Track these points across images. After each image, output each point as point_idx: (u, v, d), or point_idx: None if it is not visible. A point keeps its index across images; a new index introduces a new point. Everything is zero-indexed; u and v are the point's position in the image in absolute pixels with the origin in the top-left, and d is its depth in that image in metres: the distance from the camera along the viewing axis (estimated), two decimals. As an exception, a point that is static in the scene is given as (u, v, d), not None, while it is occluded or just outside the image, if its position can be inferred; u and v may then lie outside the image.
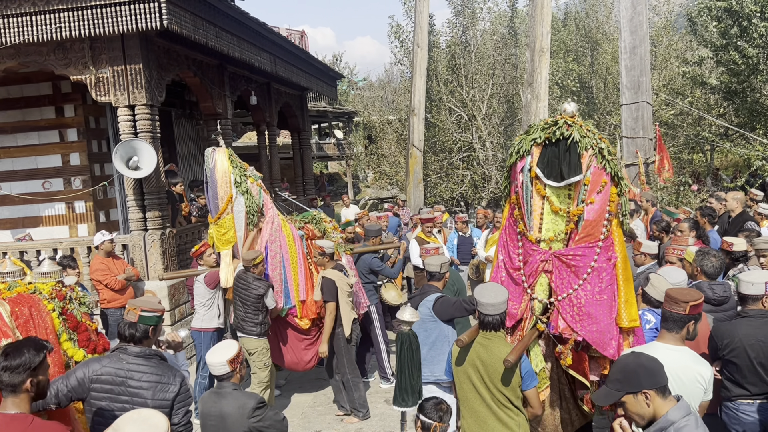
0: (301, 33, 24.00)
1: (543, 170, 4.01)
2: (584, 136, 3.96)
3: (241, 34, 10.86)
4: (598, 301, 3.98)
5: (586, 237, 4.00)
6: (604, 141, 4.04)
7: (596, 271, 3.98)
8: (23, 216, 10.92)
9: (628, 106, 12.48)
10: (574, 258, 3.99)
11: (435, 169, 19.04)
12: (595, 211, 3.96)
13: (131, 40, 8.71)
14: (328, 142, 28.91)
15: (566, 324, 3.98)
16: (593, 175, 3.96)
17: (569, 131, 3.97)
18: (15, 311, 3.58)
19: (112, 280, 7.91)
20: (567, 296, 4.00)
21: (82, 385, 3.46)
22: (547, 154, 4.02)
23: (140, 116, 8.89)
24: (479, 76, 18.61)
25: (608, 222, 4.01)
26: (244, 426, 3.61)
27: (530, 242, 4.13)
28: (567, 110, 4.09)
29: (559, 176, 3.98)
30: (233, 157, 6.91)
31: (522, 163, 4.13)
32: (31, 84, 10.63)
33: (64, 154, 10.79)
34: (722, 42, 14.64)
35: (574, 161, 3.94)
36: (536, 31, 12.47)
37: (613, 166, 3.99)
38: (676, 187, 12.54)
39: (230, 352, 3.75)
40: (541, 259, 4.07)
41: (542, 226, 4.09)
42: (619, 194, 4.05)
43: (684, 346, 3.43)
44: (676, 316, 3.39)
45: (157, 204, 9.21)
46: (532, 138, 4.07)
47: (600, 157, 3.95)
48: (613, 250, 4.05)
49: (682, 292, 3.49)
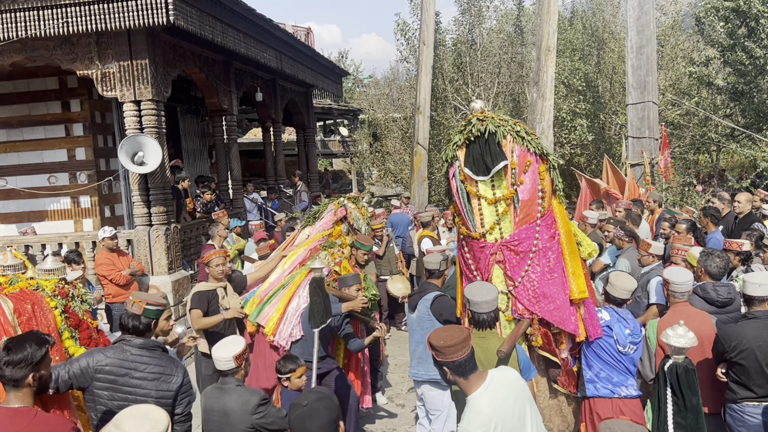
0: (307, 30, 23.99)
1: (471, 169, 4.21)
2: (498, 126, 4.17)
3: (247, 30, 10.86)
4: (550, 280, 4.18)
5: (526, 218, 4.20)
6: (519, 124, 4.25)
7: (541, 250, 4.18)
8: (29, 210, 10.95)
9: (634, 106, 12.44)
10: (520, 243, 4.19)
11: (440, 168, 18.98)
12: (527, 191, 4.18)
13: (138, 35, 8.72)
14: (333, 140, 28.89)
15: (524, 306, 4.18)
16: (519, 157, 4.18)
17: (483, 125, 4.17)
18: (18, 308, 3.58)
19: (116, 275, 7.93)
20: (521, 280, 4.18)
21: (85, 374, 3.46)
22: (472, 153, 4.23)
23: (146, 112, 8.91)
24: (485, 74, 18.57)
25: (542, 199, 4.21)
26: (247, 422, 3.61)
27: (476, 240, 4.30)
28: (475, 108, 4.32)
29: (485, 170, 4.17)
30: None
31: (453, 169, 4.34)
32: (38, 78, 10.66)
33: (69, 148, 10.82)
34: (729, 42, 14.58)
35: (494, 150, 4.15)
36: (543, 30, 12.42)
37: (535, 144, 4.19)
38: (681, 188, 12.50)
39: (237, 348, 3.75)
40: (489, 253, 4.25)
41: (483, 220, 4.27)
42: (549, 170, 4.23)
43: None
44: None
45: (162, 199, 9.22)
46: (453, 143, 4.29)
47: (520, 139, 4.17)
48: (555, 227, 4.25)
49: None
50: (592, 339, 4.30)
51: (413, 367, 5.13)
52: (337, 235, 6.40)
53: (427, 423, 5.17)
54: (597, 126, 18.24)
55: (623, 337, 4.34)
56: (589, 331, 4.28)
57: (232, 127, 12.32)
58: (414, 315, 5.15)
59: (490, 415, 2.95)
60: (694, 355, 4.34)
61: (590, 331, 4.28)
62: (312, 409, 2.64)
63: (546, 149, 4.24)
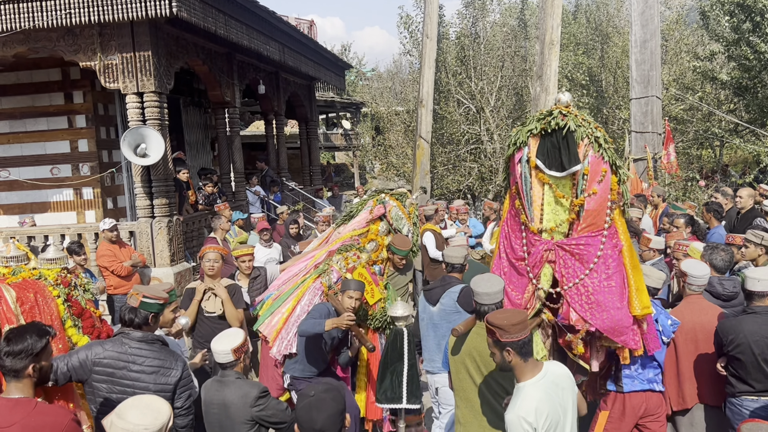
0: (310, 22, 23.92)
1: (543, 161, 4.01)
2: (579, 126, 3.96)
3: (250, 22, 10.84)
4: (607, 288, 3.96)
5: (588, 227, 3.99)
6: (600, 130, 4.04)
7: (603, 258, 3.97)
8: (31, 201, 10.97)
9: (638, 101, 12.40)
10: (578, 246, 3.98)
11: (442, 161, 18.99)
12: (596, 201, 3.95)
13: (140, 27, 8.71)
14: (336, 133, 28.86)
15: (578, 315, 3.96)
16: (591, 164, 3.95)
17: (564, 121, 3.96)
18: (20, 297, 3.60)
19: (118, 266, 7.95)
20: (574, 285, 3.98)
21: (83, 367, 3.47)
22: (546, 145, 4.01)
23: (149, 103, 8.91)
24: (488, 68, 18.51)
25: (610, 211, 4.01)
26: (247, 415, 3.62)
27: (532, 233, 4.11)
28: (561, 100, 4.08)
29: (559, 166, 3.98)
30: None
31: (519, 154, 4.13)
32: (41, 70, 10.66)
33: (72, 140, 10.82)
34: (734, 37, 14.51)
35: (573, 151, 3.93)
36: (546, 24, 12.37)
37: (610, 154, 3.99)
38: (684, 183, 12.48)
39: (235, 341, 3.75)
40: (543, 249, 4.05)
41: (543, 217, 4.08)
42: (619, 183, 4.05)
43: None
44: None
45: (165, 191, 9.23)
46: (528, 129, 4.07)
47: (597, 146, 3.95)
48: (618, 238, 4.04)
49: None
50: (650, 353, 4.22)
51: (433, 360, 5.09)
52: (374, 236, 5.83)
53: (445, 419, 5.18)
54: (600, 120, 18.20)
55: (667, 327, 4.35)
56: (648, 345, 4.16)
57: (234, 120, 12.32)
58: (435, 308, 5.10)
59: (542, 406, 3.01)
60: (701, 347, 4.36)
61: (649, 345, 4.16)
62: (319, 400, 2.64)
63: (619, 161, 4.05)
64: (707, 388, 4.38)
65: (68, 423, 2.94)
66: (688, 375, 4.42)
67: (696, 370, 4.40)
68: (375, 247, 5.78)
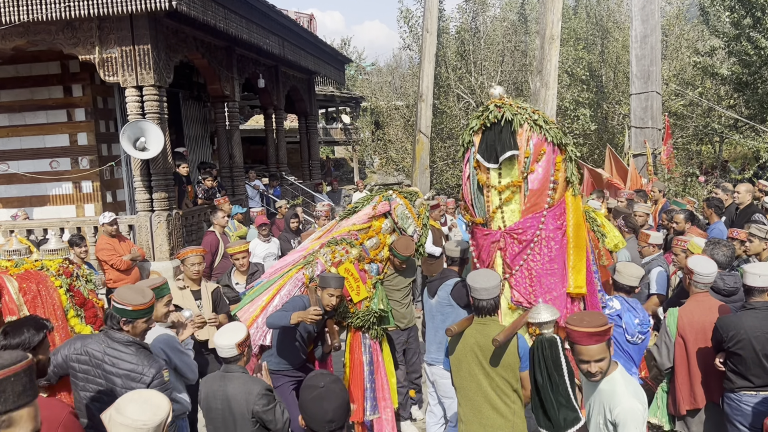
0: (310, 16, 23.89)
1: (483, 155, 4.16)
2: (516, 114, 4.08)
3: (249, 16, 10.82)
4: (549, 271, 4.12)
5: (533, 207, 4.13)
6: (538, 113, 4.15)
7: (544, 240, 4.11)
8: (30, 195, 10.97)
9: (638, 96, 12.38)
10: (524, 232, 4.13)
11: (442, 156, 18.98)
12: (538, 180, 4.09)
13: (140, 20, 8.69)
14: (335, 127, 28.83)
15: (520, 294, 4.15)
16: (535, 146, 4.08)
17: (500, 112, 4.09)
18: (23, 287, 3.61)
19: (117, 260, 7.94)
20: (519, 268, 4.15)
21: (65, 363, 3.48)
22: (486, 139, 4.17)
23: (148, 97, 8.89)
24: (488, 62, 18.48)
25: (553, 190, 4.12)
26: (248, 411, 3.59)
27: (480, 228, 4.28)
28: (494, 94, 4.23)
29: (495, 157, 4.12)
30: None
31: (468, 154, 4.28)
32: (40, 63, 10.64)
33: (71, 133, 10.81)
34: (734, 32, 14.47)
35: (504, 138, 4.07)
36: (547, 18, 12.35)
37: (553, 134, 4.08)
38: (684, 179, 12.47)
39: (239, 335, 3.71)
40: (492, 241, 4.22)
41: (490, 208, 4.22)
42: (566, 160, 4.15)
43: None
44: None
45: (164, 185, 9.22)
46: (470, 128, 4.22)
47: (537, 128, 4.07)
48: (564, 219, 4.16)
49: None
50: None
51: (432, 352, 5.09)
52: (375, 233, 5.58)
53: (438, 410, 5.15)
54: (600, 116, 18.17)
55: (632, 326, 4.33)
56: None
57: (234, 114, 12.30)
58: (434, 301, 5.13)
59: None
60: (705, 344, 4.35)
61: None
62: (329, 391, 2.63)
63: (564, 139, 4.14)
64: (717, 385, 4.35)
65: (66, 416, 2.93)
66: (699, 375, 4.40)
67: (707, 369, 4.37)
68: (376, 245, 5.57)
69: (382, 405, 5.41)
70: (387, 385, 5.46)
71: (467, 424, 3.89)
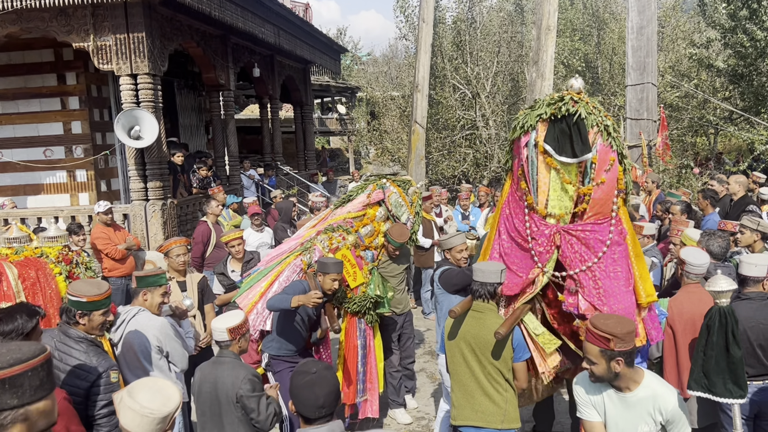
0: (306, 5, 23.75)
1: (552, 146, 3.96)
2: (590, 113, 3.90)
3: (245, 4, 10.75)
4: (613, 275, 3.94)
5: (595, 215, 3.98)
6: (609, 118, 3.99)
7: (612, 245, 3.95)
8: (24, 183, 10.91)
9: (633, 87, 12.38)
10: (584, 232, 3.95)
11: (437, 147, 18.95)
12: (603, 191, 3.92)
13: (134, 8, 8.63)
14: (331, 117, 28.76)
15: (587, 302, 3.92)
16: (600, 153, 3.91)
17: (575, 108, 3.89)
18: (22, 274, 3.60)
19: (112, 249, 7.92)
20: (581, 271, 3.95)
21: None
22: (555, 131, 3.95)
23: (142, 85, 8.84)
24: (484, 53, 18.43)
25: (617, 199, 3.99)
26: (232, 395, 3.58)
27: (539, 216, 4.07)
28: (574, 86, 4.01)
29: (570, 153, 3.93)
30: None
31: (526, 138, 4.05)
32: (33, 50, 10.56)
33: (65, 122, 10.75)
34: (731, 24, 14.46)
35: (585, 138, 3.88)
36: (543, 9, 12.32)
37: (619, 143, 3.96)
38: (678, 170, 12.49)
39: (233, 321, 3.74)
40: (548, 234, 4.03)
41: (548, 203, 4.04)
42: (624, 172, 4.02)
43: None
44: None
45: (159, 174, 9.19)
46: (538, 114, 3.99)
47: (606, 135, 3.90)
48: (623, 226, 4.03)
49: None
50: (653, 342, 4.22)
51: (441, 342, 5.15)
52: (370, 221, 5.70)
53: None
54: (595, 107, 18.16)
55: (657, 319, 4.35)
56: (650, 334, 4.14)
57: (229, 103, 12.25)
58: (438, 290, 5.33)
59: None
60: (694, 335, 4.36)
61: (652, 334, 4.15)
62: (321, 377, 2.65)
63: (625, 151, 4.01)
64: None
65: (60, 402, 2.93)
66: (687, 365, 4.42)
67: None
68: (370, 232, 5.68)
69: (369, 387, 5.56)
70: (375, 369, 5.61)
71: (459, 409, 3.92)
